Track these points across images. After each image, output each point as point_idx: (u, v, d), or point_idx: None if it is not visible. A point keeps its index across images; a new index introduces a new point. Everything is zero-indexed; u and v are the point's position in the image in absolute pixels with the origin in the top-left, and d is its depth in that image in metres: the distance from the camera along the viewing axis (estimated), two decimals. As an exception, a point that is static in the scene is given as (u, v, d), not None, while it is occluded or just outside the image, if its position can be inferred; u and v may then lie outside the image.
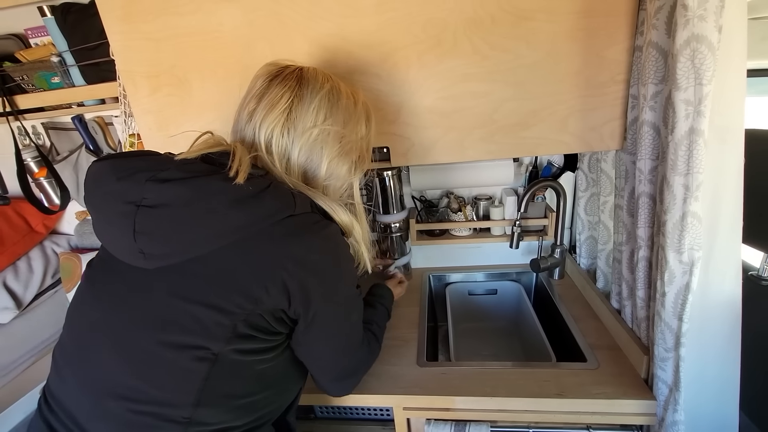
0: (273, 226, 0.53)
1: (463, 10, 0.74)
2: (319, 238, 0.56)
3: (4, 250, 1.29)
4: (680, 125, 0.58)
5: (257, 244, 0.52)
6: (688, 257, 0.62)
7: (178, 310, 0.51)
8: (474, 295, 1.28)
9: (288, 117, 0.59)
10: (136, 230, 0.49)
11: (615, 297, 0.93)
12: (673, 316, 0.66)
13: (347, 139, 0.64)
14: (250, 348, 0.54)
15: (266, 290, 0.52)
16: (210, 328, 0.51)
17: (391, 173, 1.10)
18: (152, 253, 0.51)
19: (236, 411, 0.56)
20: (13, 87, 1.17)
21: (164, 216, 0.50)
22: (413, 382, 0.85)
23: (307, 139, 0.60)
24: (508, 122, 0.81)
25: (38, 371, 1.28)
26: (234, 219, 0.51)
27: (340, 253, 0.60)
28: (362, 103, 0.67)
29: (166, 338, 0.51)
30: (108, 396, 0.52)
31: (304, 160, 0.61)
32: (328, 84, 0.62)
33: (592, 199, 1.05)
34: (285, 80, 0.61)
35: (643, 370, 0.78)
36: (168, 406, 0.51)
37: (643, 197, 0.72)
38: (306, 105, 0.60)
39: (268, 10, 0.78)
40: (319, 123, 0.60)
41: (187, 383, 0.51)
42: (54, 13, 1.06)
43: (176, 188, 0.50)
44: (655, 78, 0.66)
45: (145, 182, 0.50)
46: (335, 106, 0.62)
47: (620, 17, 0.72)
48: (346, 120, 0.64)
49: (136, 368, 0.52)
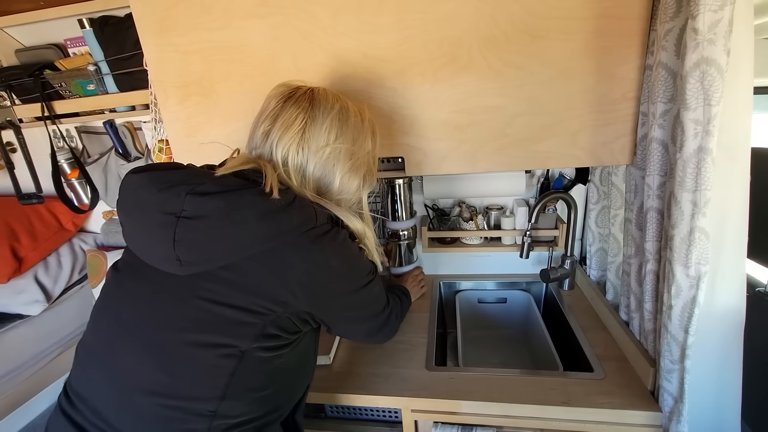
0: (298, 237, 0.57)
1: (478, 28, 0.78)
2: (336, 245, 0.62)
3: (36, 246, 1.37)
4: (689, 143, 0.60)
5: (285, 252, 0.57)
6: (695, 271, 0.64)
7: (208, 313, 0.55)
8: (483, 303, 1.30)
9: (302, 137, 0.64)
10: (176, 239, 0.53)
11: (623, 309, 0.94)
12: (680, 328, 0.67)
13: (357, 156, 0.69)
14: (273, 345, 0.59)
15: (293, 294, 0.57)
16: (239, 328, 0.55)
17: (402, 181, 1.14)
18: (188, 261, 0.54)
19: (255, 403, 0.59)
20: (51, 93, 1.24)
21: (201, 227, 0.53)
22: (422, 385, 0.88)
23: (321, 157, 0.65)
24: (520, 136, 0.84)
25: (62, 363, 1.35)
26: (264, 230, 0.55)
27: (354, 253, 0.67)
28: (368, 120, 0.72)
29: (196, 338, 0.55)
30: (138, 391, 0.55)
31: (318, 175, 0.66)
32: (338, 104, 0.67)
33: (603, 211, 1.07)
34: (298, 101, 0.65)
35: (650, 381, 0.79)
36: (196, 400, 0.55)
37: (651, 212, 0.74)
38: (318, 125, 0.64)
39: (292, 26, 0.83)
40: (331, 142, 0.65)
41: (215, 378, 0.55)
42: (92, 26, 1.13)
43: (213, 201, 0.54)
44: (664, 97, 0.68)
45: (186, 195, 0.53)
46: (345, 124, 0.67)
47: (632, 38, 0.74)
48: (355, 137, 0.69)
49: (167, 365, 0.55)
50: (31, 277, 1.34)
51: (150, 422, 0.55)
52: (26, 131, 1.34)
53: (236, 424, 0.58)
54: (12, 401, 1.18)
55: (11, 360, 1.20)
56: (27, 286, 1.31)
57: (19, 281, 1.31)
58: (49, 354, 1.33)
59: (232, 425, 0.57)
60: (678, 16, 0.63)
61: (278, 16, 0.83)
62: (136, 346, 0.56)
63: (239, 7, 0.84)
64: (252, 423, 0.60)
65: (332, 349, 0.99)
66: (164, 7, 0.86)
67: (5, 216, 1.37)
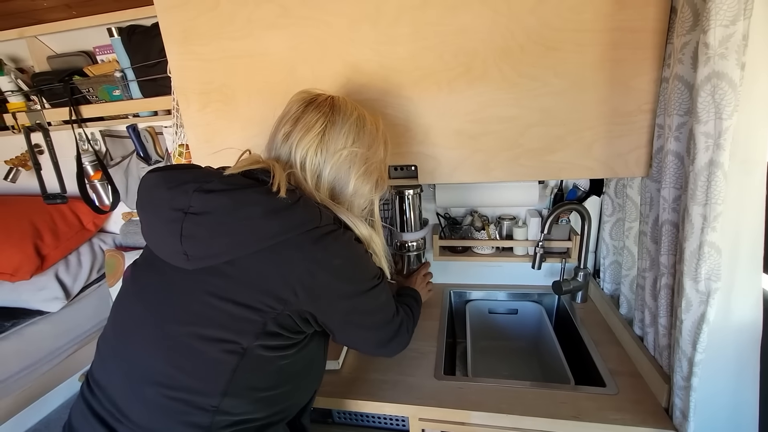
0: (301, 235, 0.58)
1: (493, 40, 0.79)
2: (339, 246, 0.62)
3: (58, 245, 1.41)
4: (700, 157, 0.60)
5: (287, 250, 0.57)
6: (704, 287, 0.63)
7: (212, 307, 0.57)
8: (494, 314, 1.29)
9: (322, 139, 0.66)
10: (183, 234, 0.55)
11: (638, 323, 0.92)
12: (690, 345, 0.66)
13: (371, 161, 0.71)
14: (276, 344, 0.59)
15: (294, 293, 0.57)
16: (241, 324, 0.56)
17: (413, 191, 1.13)
18: (195, 255, 0.56)
19: (257, 403, 0.60)
20: (79, 98, 1.30)
21: (207, 222, 0.55)
22: (430, 394, 0.87)
23: (338, 159, 0.67)
24: (534, 146, 0.84)
25: (79, 360, 1.38)
26: (268, 227, 0.56)
27: (358, 254, 0.66)
28: (382, 131, 0.75)
29: (201, 332, 0.56)
30: (146, 382, 0.57)
31: (333, 177, 0.68)
32: (356, 112, 0.70)
33: (618, 224, 1.05)
34: (319, 107, 0.68)
35: (664, 399, 0.78)
36: (199, 394, 0.56)
37: (666, 225, 0.73)
38: (338, 129, 0.67)
39: (311, 36, 0.85)
40: (348, 145, 0.67)
41: (217, 374, 0.56)
42: (120, 34, 1.18)
43: (219, 198, 0.56)
44: (680, 110, 0.67)
45: (193, 192, 0.56)
46: (362, 131, 0.69)
47: (648, 50, 0.75)
48: (370, 144, 0.71)
49: (172, 358, 0.57)
50: (52, 274, 1.38)
51: (155, 412, 0.57)
52: (54, 134, 1.40)
53: (239, 421, 0.59)
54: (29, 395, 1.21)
55: (30, 354, 1.24)
56: (48, 283, 1.36)
57: (41, 278, 1.35)
58: (66, 350, 1.36)
59: (234, 422, 0.58)
60: (695, 29, 0.63)
61: (297, 27, 0.85)
62: (146, 338, 0.59)
63: (261, 17, 0.86)
64: (255, 422, 0.61)
65: (341, 354, 1.00)
66: (189, 17, 0.90)
67: (30, 215, 1.42)
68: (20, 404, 1.19)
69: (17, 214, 1.43)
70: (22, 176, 1.57)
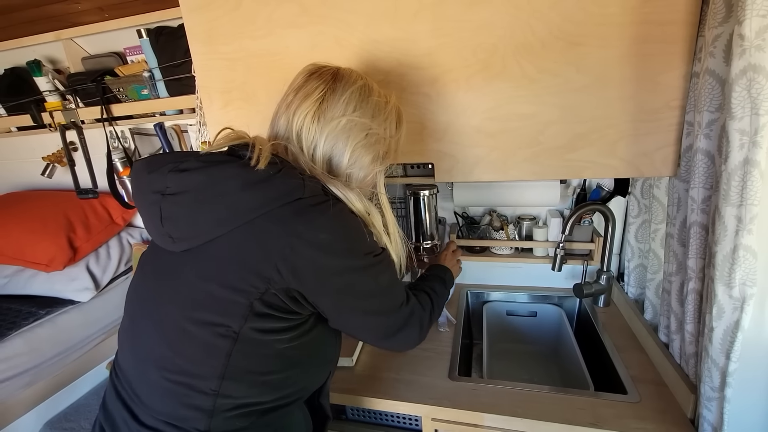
0: (282, 208, 0.55)
1: (513, 35, 0.77)
2: (326, 217, 0.56)
3: (90, 238, 1.48)
4: (734, 155, 0.57)
5: (268, 225, 0.55)
6: (739, 292, 0.59)
7: (200, 290, 0.56)
8: (512, 316, 1.27)
9: (320, 106, 0.62)
10: (163, 216, 0.56)
11: (663, 330, 0.89)
12: (721, 353, 0.63)
13: (374, 132, 0.66)
14: (269, 327, 0.57)
15: (277, 269, 0.54)
16: (228, 306, 0.55)
17: (429, 193, 1.08)
18: (178, 237, 0.57)
19: (260, 387, 0.59)
20: (110, 97, 1.35)
21: (185, 202, 0.55)
22: (444, 394, 0.87)
23: (335, 127, 0.62)
24: (554, 144, 0.82)
25: (106, 348, 1.44)
26: (246, 201, 0.54)
27: (350, 227, 0.59)
28: (394, 105, 0.70)
29: (193, 315, 0.56)
30: (151, 366, 0.59)
31: (330, 147, 0.63)
32: (361, 81, 0.66)
33: (644, 226, 1.01)
34: (322, 75, 0.65)
35: (690, 409, 0.74)
36: (198, 377, 0.56)
37: (695, 227, 0.70)
38: (337, 96, 0.63)
39: (330, 34, 0.86)
40: (348, 113, 0.63)
41: (213, 358, 0.56)
42: (149, 35, 1.22)
43: (194, 176, 0.55)
44: (711, 106, 0.64)
45: (168, 173, 0.56)
46: (365, 100, 0.65)
47: (677, 44, 0.71)
48: (375, 114, 0.66)
49: (170, 342, 0.58)
50: (84, 266, 1.44)
51: (160, 395, 0.58)
52: (87, 132, 1.46)
53: (244, 404, 0.58)
54: (61, 380, 1.27)
55: (62, 342, 1.30)
56: (79, 274, 1.42)
57: (73, 269, 1.42)
58: (95, 339, 1.42)
59: (239, 405, 0.58)
60: (728, 21, 0.60)
61: (317, 26, 0.86)
62: (148, 323, 0.60)
63: (281, 17, 0.88)
64: (263, 405, 0.60)
65: (355, 351, 1.00)
66: (213, 17, 0.92)
67: (65, 208, 1.49)
68: (52, 389, 1.25)
69: (53, 207, 1.50)
70: (58, 172, 1.65)
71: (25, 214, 1.46)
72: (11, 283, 1.39)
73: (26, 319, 1.25)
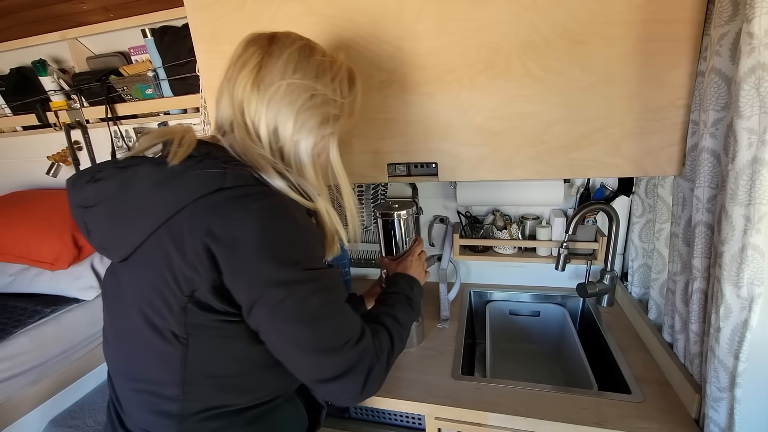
0: (197, 203, 0.51)
1: (517, 34, 0.77)
2: (245, 211, 0.50)
3: (94, 237, 1.49)
4: (742, 154, 0.56)
5: (182, 223, 0.51)
6: (747, 292, 0.59)
7: (142, 299, 0.54)
8: (515, 315, 1.27)
9: (258, 73, 0.57)
10: (89, 230, 0.56)
11: (667, 329, 0.88)
12: (729, 353, 0.63)
13: (320, 93, 0.60)
14: (214, 332, 0.53)
15: (195, 269, 0.50)
16: (165, 313, 0.52)
17: (406, 213, 0.93)
18: (109, 248, 0.56)
19: (228, 390, 0.56)
20: (115, 96, 1.36)
21: (103, 212, 0.54)
22: (447, 393, 0.87)
23: (275, 93, 0.57)
24: (558, 143, 0.82)
25: (111, 346, 1.45)
26: (159, 200, 0.51)
27: (274, 228, 0.51)
28: (344, 66, 0.65)
29: (140, 325, 0.54)
30: (120, 377, 0.59)
31: (274, 115, 0.58)
32: (301, 42, 0.61)
33: (648, 225, 1.01)
34: (258, 41, 0.60)
35: (694, 409, 0.74)
36: (160, 385, 0.55)
37: (700, 226, 0.69)
38: (275, 60, 0.58)
39: (334, 34, 0.86)
40: (287, 76, 0.57)
41: (168, 365, 0.53)
42: (153, 35, 1.23)
43: (108, 184, 0.54)
44: (717, 105, 0.64)
45: (85, 185, 0.55)
46: (306, 60, 0.59)
47: (683, 42, 0.71)
48: (319, 74, 0.60)
49: (129, 353, 0.57)
50: (88, 264, 1.45)
51: (133, 403, 0.58)
52: (91, 131, 1.47)
53: (213, 407, 0.56)
54: (66, 378, 1.28)
55: (67, 340, 1.31)
56: (84, 272, 1.43)
57: (78, 268, 1.43)
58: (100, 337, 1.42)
59: (208, 407, 0.55)
60: (734, 19, 0.60)
61: (321, 25, 0.86)
62: (113, 336, 0.60)
63: (285, 16, 0.88)
64: (234, 406, 0.57)
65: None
66: (217, 16, 0.92)
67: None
68: (58, 386, 1.26)
69: (57, 206, 1.51)
70: (63, 171, 1.66)
71: (30, 213, 1.47)
72: (17, 281, 1.41)
73: (31, 317, 1.26)
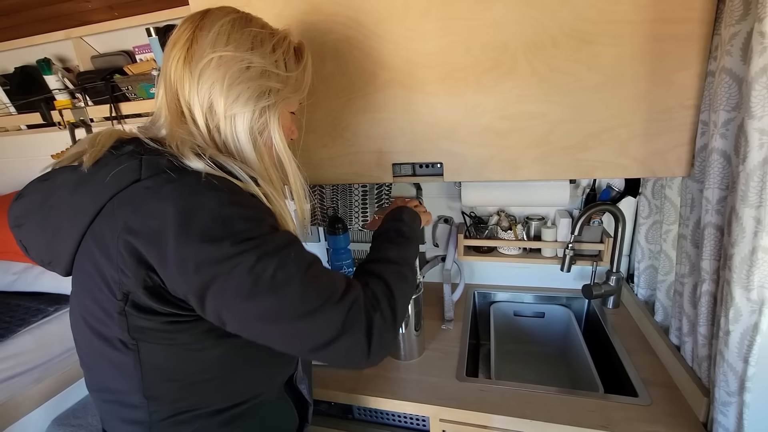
0: (114, 200, 0.48)
1: (524, 33, 0.76)
2: (158, 197, 0.46)
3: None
4: (753, 155, 0.56)
5: (103, 223, 0.48)
6: (757, 295, 0.58)
7: (85, 308, 0.52)
8: (520, 317, 1.26)
9: (189, 49, 0.53)
10: (25, 247, 0.55)
11: (674, 332, 0.88)
12: (738, 357, 0.62)
13: (256, 65, 0.55)
14: (163, 334, 0.50)
15: (122, 271, 0.46)
16: (106, 320, 0.50)
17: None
18: (48, 262, 0.55)
19: (195, 392, 0.54)
20: (119, 95, 1.36)
21: (33, 227, 0.53)
22: (451, 395, 0.86)
23: (206, 67, 0.53)
24: (565, 144, 0.81)
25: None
26: (78, 203, 0.49)
27: (188, 209, 0.46)
28: (285, 36, 0.60)
29: (90, 335, 0.52)
30: (88, 388, 0.58)
31: (207, 92, 0.53)
32: (236, 14, 0.57)
33: (655, 226, 1.00)
34: (191, 17, 0.56)
35: (702, 413, 0.73)
36: (122, 393, 0.53)
37: (709, 228, 0.69)
38: (205, 33, 0.54)
39: (339, 33, 0.86)
40: (218, 49, 0.53)
41: (124, 373, 0.51)
42: (158, 34, 1.23)
43: (31, 198, 0.54)
44: (727, 105, 0.63)
45: (13, 203, 0.55)
46: (239, 31, 0.55)
47: (693, 42, 0.70)
48: (255, 46, 0.55)
49: (89, 364, 0.56)
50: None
51: (102, 413, 0.59)
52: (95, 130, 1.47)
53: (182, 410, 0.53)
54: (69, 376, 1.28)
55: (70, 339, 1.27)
56: (88, 271, 1.43)
57: (82, 267, 1.43)
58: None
59: (176, 412, 0.53)
60: (745, 19, 0.59)
61: (325, 24, 0.86)
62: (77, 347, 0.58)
63: (290, 14, 0.87)
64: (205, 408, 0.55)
65: (363, 351, 0.99)
66: (221, 15, 0.92)
67: (73, 207, 1.50)
68: (61, 385, 1.25)
69: (61, 205, 1.51)
70: (67, 170, 1.66)
71: (35, 212, 1.48)
72: (20, 280, 1.41)
73: (35, 315, 1.26)
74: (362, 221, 1.30)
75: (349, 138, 0.93)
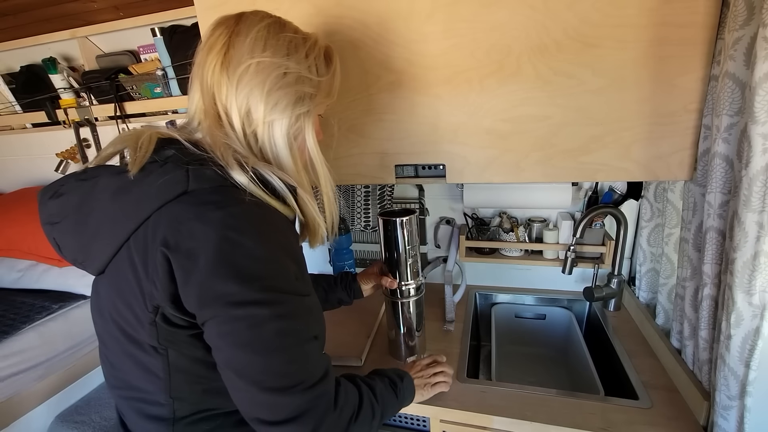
0: (162, 210, 0.48)
1: (528, 36, 0.76)
2: (203, 221, 0.46)
3: (101, 234, 1.50)
4: (756, 160, 0.56)
5: (147, 232, 0.48)
6: (759, 299, 0.59)
7: (117, 311, 0.53)
8: (521, 318, 1.26)
9: (226, 54, 0.53)
10: (59, 245, 0.55)
11: (675, 335, 0.88)
12: (739, 361, 0.62)
13: (293, 71, 0.56)
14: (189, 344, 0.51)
15: (154, 284, 0.47)
16: (137, 326, 0.51)
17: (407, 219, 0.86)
18: (82, 262, 0.55)
19: (216, 394, 0.54)
20: (124, 95, 1.37)
21: (68, 228, 0.53)
22: (452, 396, 0.86)
23: (245, 72, 0.53)
24: (568, 147, 0.81)
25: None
26: (120, 211, 0.49)
27: (229, 242, 0.46)
28: (317, 41, 0.60)
29: (120, 336, 0.53)
30: (110, 385, 0.59)
31: (245, 97, 0.54)
32: (270, 19, 0.57)
33: (656, 229, 1.00)
34: (225, 22, 0.56)
35: (703, 416, 0.73)
36: (148, 392, 0.54)
37: (711, 232, 0.69)
38: (242, 38, 0.54)
39: (345, 35, 0.86)
40: (256, 55, 0.53)
41: (153, 374, 0.53)
42: (163, 34, 1.23)
43: (69, 198, 0.53)
44: (730, 109, 0.63)
45: (48, 200, 0.54)
46: (275, 37, 0.55)
47: (696, 46, 0.70)
48: (291, 52, 0.56)
49: (114, 363, 0.57)
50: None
51: (125, 410, 0.59)
52: (100, 129, 1.48)
53: (204, 409, 0.56)
54: (73, 373, 1.29)
55: (74, 336, 1.32)
56: (91, 269, 1.44)
57: (86, 265, 1.44)
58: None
59: (199, 410, 0.56)
60: (749, 24, 0.59)
61: (330, 26, 0.86)
62: (100, 345, 0.60)
63: (295, 17, 0.86)
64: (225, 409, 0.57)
65: (364, 351, 1.00)
66: (227, 16, 0.93)
67: (78, 205, 1.51)
68: (64, 382, 1.26)
69: (66, 203, 1.52)
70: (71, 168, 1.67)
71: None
72: (25, 277, 1.42)
73: (39, 313, 1.27)
74: (364, 222, 1.31)
75: (353, 139, 0.93)
